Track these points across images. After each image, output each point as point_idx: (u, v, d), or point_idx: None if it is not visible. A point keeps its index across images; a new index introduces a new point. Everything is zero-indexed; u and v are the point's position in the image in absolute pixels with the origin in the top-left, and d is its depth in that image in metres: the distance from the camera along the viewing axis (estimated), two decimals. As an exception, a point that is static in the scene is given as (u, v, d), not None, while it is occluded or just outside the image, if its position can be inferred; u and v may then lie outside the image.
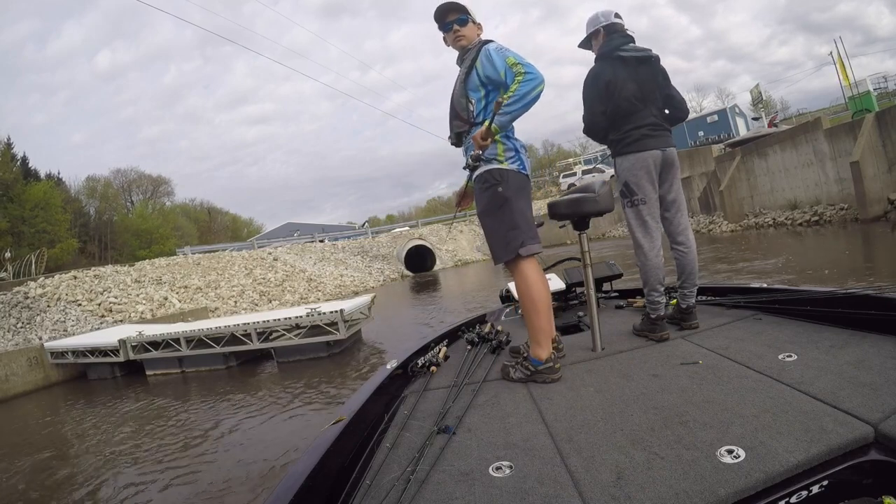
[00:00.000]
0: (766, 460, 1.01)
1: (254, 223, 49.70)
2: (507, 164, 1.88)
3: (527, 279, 1.84)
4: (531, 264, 1.86)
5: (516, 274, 1.87)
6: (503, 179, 1.86)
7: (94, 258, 29.89)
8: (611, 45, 2.17)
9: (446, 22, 1.94)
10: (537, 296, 1.83)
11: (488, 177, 1.87)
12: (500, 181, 1.85)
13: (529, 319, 1.84)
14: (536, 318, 1.81)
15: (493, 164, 1.88)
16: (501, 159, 1.88)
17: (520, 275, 1.85)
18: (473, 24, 1.95)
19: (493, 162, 1.88)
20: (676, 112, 2.27)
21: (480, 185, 1.91)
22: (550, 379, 1.73)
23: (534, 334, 1.81)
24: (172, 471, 3.93)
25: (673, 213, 2.22)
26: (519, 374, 1.79)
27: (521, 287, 1.85)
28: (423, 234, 25.99)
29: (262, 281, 17.09)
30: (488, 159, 1.87)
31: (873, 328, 1.58)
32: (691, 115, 27.86)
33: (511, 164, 1.88)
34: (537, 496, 1.05)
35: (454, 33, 1.94)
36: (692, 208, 17.49)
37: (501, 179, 1.85)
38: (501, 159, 1.88)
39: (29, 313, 11.51)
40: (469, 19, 1.94)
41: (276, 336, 7.49)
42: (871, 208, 10.48)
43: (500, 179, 1.85)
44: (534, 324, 1.82)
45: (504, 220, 1.85)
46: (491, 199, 1.87)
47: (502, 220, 1.85)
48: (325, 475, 1.18)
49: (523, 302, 1.86)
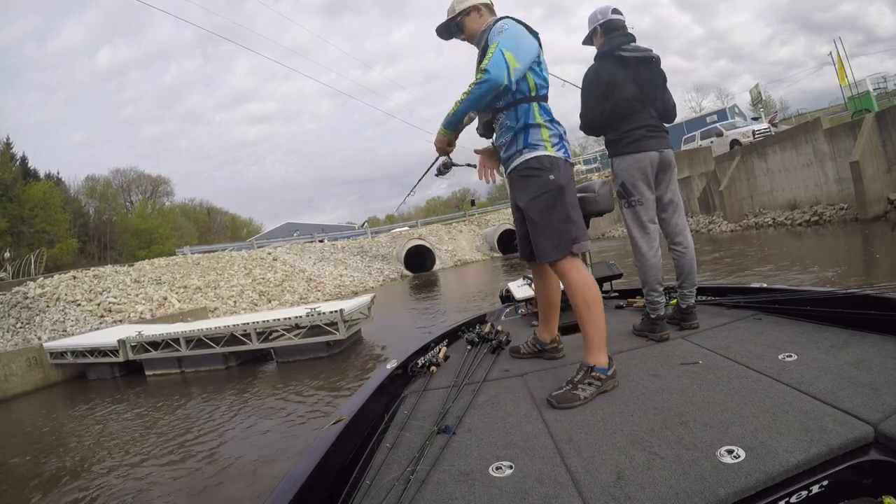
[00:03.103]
0: (766, 460, 1.01)
1: (253, 223, 49.75)
2: (554, 150, 1.72)
3: (582, 280, 1.68)
4: (580, 262, 1.72)
5: (566, 274, 1.69)
6: (555, 167, 1.69)
7: (94, 258, 29.87)
8: (611, 44, 2.16)
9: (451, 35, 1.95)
10: (595, 293, 1.67)
11: (536, 163, 1.70)
12: (552, 168, 1.69)
13: (591, 323, 1.64)
14: (599, 319, 1.64)
15: (540, 150, 1.72)
16: (548, 145, 1.72)
17: (571, 275, 1.68)
18: (474, 15, 1.88)
19: (539, 147, 1.72)
20: (666, 118, 2.26)
21: (524, 172, 1.73)
22: (613, 385, 1.58)
23: (597, 340, 1.62)
24: (172, 471, 3.92)
25: (670, 213, 2.22)
26: (591, 390, 1.53)
27: (577, 288, 1.67)
28: (423, 234, 25.98)
29: (261, 281, 17.08)
30: (533, 145, 1.72)
31: (873, 328, 1.58)
32: (691, 115, 27.88)
33: (558, 151, 1.73)
34: (537, 496, 1.05)
35: (463, 38, 1.94)
36: (692, 208, 17.49)
37: (552, 166, 1.69)
38: (548, 145, 1.72)
39: (28, 313, 11.50)
40: (462, 20, 1.90)
41: (275, 336, 7.48)
42: (870, 208, 10.47)
43: (550, 166, 1.69)
44: (597, 327, 1.63)
45: (557, 211, 1.68)
46: (541, 187, 1.69)
47: (555, 212, 1.68)
48: (325, 475, 1.18)
49: (580, 305, 1.66)
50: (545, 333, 2.02)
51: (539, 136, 1.72)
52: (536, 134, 1.72)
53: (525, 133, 1.73)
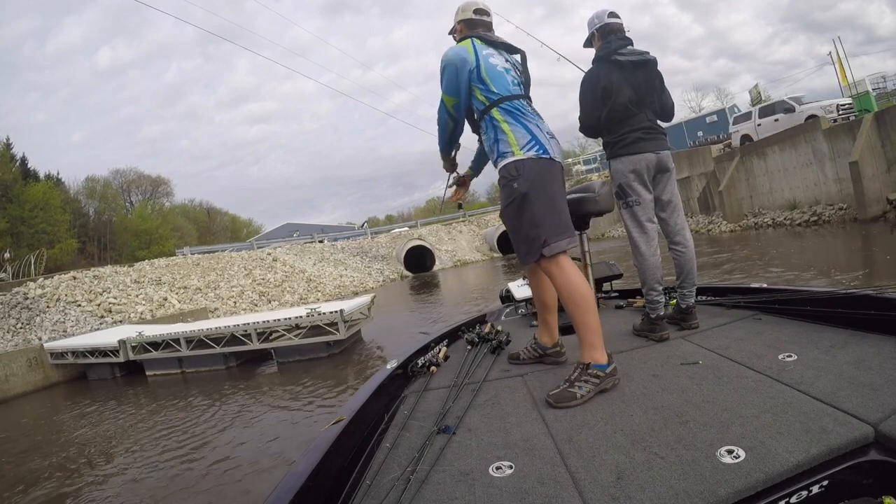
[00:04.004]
0: (766, 460, 1.01)
1: (253, 223, 49.75)
2: (523, 152, 1.71)
3: (563, 278, 1.66)
4: (563, 261, 1.68)
5: (550, 274, 1.69)
6: (519, 173, 1.70)
7: (94, 259, 29.87)
8: (608, 48, 2.18)
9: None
10: (581, 292, 1.64)
11: (504, 172, 1.74)
12: (517, 175, 1.70)
13: (580, 320, 1.61)
14: (588, 316, 1.61)
15: (508, 157, 1.73)
16: (515, 149, 1.72)
17: (552, 275, 1.68)
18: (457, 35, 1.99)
19: (507, 155, 1.73)
20: (663, 117, 2.29)
21: (500, 182, 1.78)
22: (614, 383, 1.56)
23: (590, 337, 1.60)
24: (172, 471, 3.92)
25: (669, 213, 2.23)
26: (588, 387, 1.51)
27: (562, 287, 1.66)
28: (423, 234, 25.98)
29: (261, 281, 17.08)
30: (502, 153, 1.74)
31: (873, 328, 1.58)
32: (690, 115, 27.86)
33: (528, 150, 1.71)
34: (537, 496, 1.05)
35: None
36: (691, 208, 17.49)
37: (517, 174, 1.70)
38: (515, 149, 1.72)
39: (28, 314, 11.50)
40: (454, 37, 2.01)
41: (275, 336, 7.49)
42: (869, 208, 10.48)
43: (515, 174, 1.70)
44: (587, 324, 1.61)
45: (524, 218, 1.70)
46: (508, 196, 1.72)
47: (522, 219, 1.70)
48: (325, 475, 1.18)
49: (569, 304, 1.64)
50: (545, 337, 1.98)
51: (506, 144, 1.75)
52: (504, 142, 1.75)
53: (497, 144, 1.77)
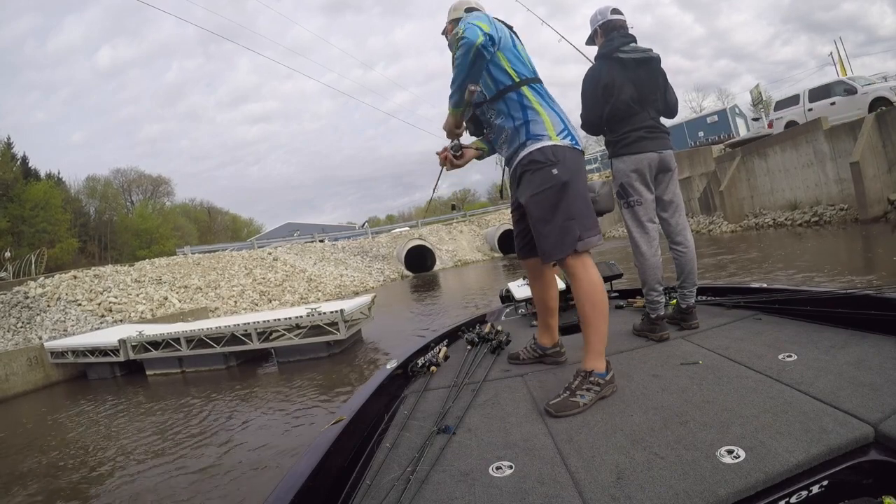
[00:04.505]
0: (766, 460, 1.01)
1: (254, 223, 49.81)
2: (560, 138, 1.61)
3: (588, 279, 1.58)
4: (589, 261, 1.61)
5: (573, 271, 1.59)
6: (559, 159, 1.58)
7: (94, 258, 29.89)
8: (610, 45, 2.16)
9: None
10: (602, 297, 1.58)
11: (539, 156, 1.59)
12: (556, 161, 1.57)
13: (594, 325, 1.56)
14: (602, 322, 1.56)
15: (544, 141, 1.60)
16: (552, 133, 1.60)
17: (577, 275, 1.59)
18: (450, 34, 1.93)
19: (542, 138, 1.60)
20: (667, 113, 2.28)
21: (527, 167, 1.63)
22: (613, 390, 1.53)
23: (598, 344, 1.56)
24: (172, 471, 3.92)
25: (670, 213, 2.23)
26: (590, 396, 1.47)
27: (584, 287, 1.58)
28: (423, 234, 25.98)
29: (262, 281, 17.09)
30: (536, 136, 1.61)
31: (873, 328, 1.58)
32: (691, 116, 27.84)
33: (563, 138, 1.61)
34: (537, 496, 1.05)
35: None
36: (692, 209, 17.48)
37: (557, 159, 1.58)
38: (552, 133, 1.60)
39: (29, 313, 11.52)
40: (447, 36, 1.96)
41: (276, 336, 7.49)
42: (871, 209, 10.46)
43: (555, 159, 1.58)
44: (599, 330, 1.56)
45: (560, 208, 1.57)
46: (543, 182, 1.58)
47: (557, 209, 1.57)
48: (325, 475, 1.18)
49: (586, 307, 1.57)
50: (545, 338, 1.96)
51: (541, 126, 1.62)
52: (538, 123, 1.62)
53: (526, 126, 1.64)
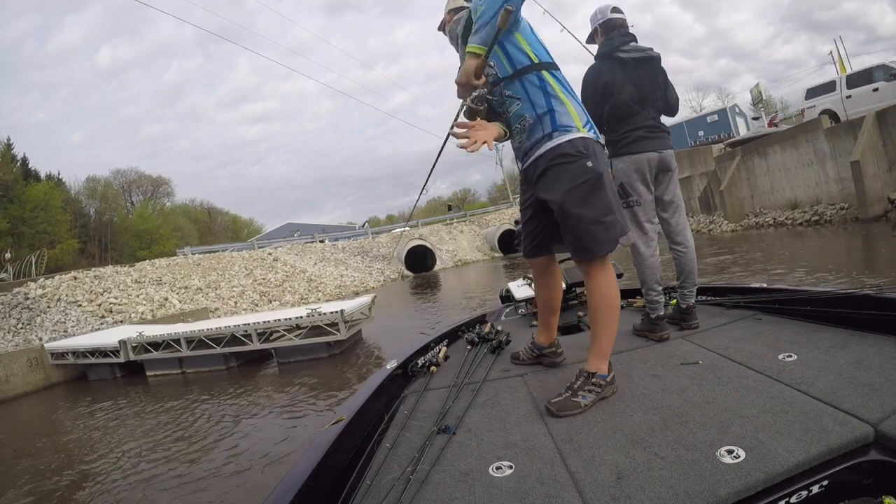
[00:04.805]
0: (766, 460, 1.01)
1: (254, 223, 49.78)
2: (586, 130, 1.54)
3: (607, 281, 1.55)
4: (608, 263, 1.58)
5: (595, 272, 1.54)
6: (591, 152, 1.51)
7: (95, 259, 29.89)
8: (610, 45, 2.16)
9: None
10: (616, 301, 1.56)
11: (570, 148, 1.51)
12: (588, 154, 1.51)
13: (604, 328, 1.53)
14: (612, 326, 1.55)
15: (573, 133, 1.51)
16: (579, 125, 1.53)
17: (596, 277, 1.54)
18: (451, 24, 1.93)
19: (571, 130, 1.52)
20: (668, 111, 2.28)
21: (555, 161, 1.53)
22: (613, 391, 1.52)
23: (606, 348, 1.54)
24: (172, 471, 3.92)
25: (670, 213, 2.23)
26: (592, 397, 1.46)
27: (601, 289, 1.54)
28: (423, 234, 25.98)
29: (262, 281, 17.09)
30: (564, 127, 1.52)
31: (873, 328, 1.58)
32: (691, 115, 27.81)
33: (589, 130, 1.55)
34: (537, 496, 1.05)
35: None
36: (692, 208, 17.47)
37: (588, 152, 1.51)
38: (579, 125, 1.53)
39: (29, 314, 11.52)
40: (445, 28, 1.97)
41: (276, 336, 7.49)
42: (871, 208, 10.46)
43: (587, 152, 1.51)
44: (609, 333, 1.54)
45: (600, 202, 1.51)
46: (578, 176, 1.50)
47: (597, 203, 1.50)
48: (325, 475, 1.18)
49: (600, 307, 1.54)
50: (543, 338, 1.95)
51: (568, 117, 1.52)
52: (564, 114, 1.52)
53: (552, 115, 1.53)
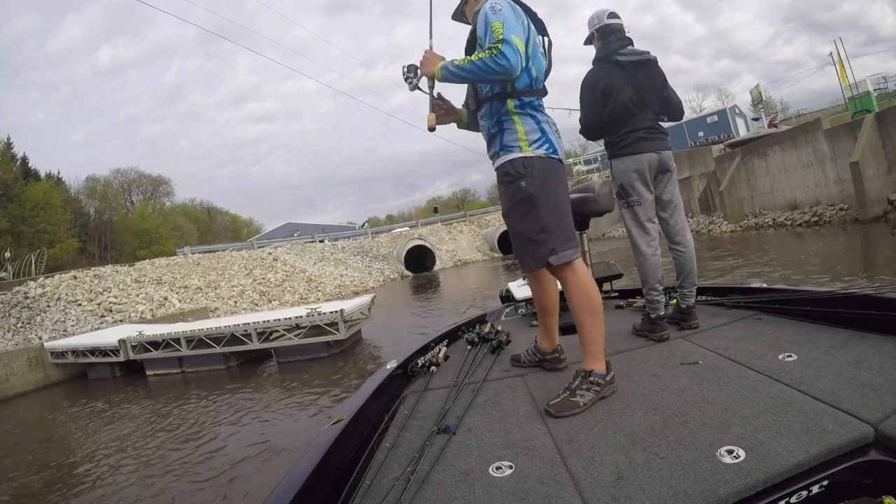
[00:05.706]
0: (766, 460, 1.01)
1: (254, 223, 49.79)
2: (532, 149, 1.60)
3: (577, 283, 1.59)
4: (578, 266, 1.61)
5: (563, 277, 1.61)
6: (527, 171, 1.58)
7: (94, 258, 29.87)
8: (608, 48, 2.18)
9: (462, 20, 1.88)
10: (594, 300, 1.59)
11: (509, 168, 1.60)
12: (524, 174, 1.58)
13: (591, 329, 1.57)
14: (596, 324, 1.57)
15: (514, 153, 1.60)
16: (524, 145, 1.60)
17: (567, 280, 1.60)
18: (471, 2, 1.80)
19: (513, 150, 1.60)
20: (672, 115, 2.29)
21: (501, 178, 1.65)
22: (613, 390, 1.53)
23: (596, 346, 1.56)
24: (172, 471, 3.92)
25: (670, 213, 2.23)
26: (590, 396, 1.47)
27: (574, 292, 1.59)
28: (423, 234, 25.99)
29: (262, 281, 17.09)
30: (508, 147, 1.61)
31: (873, 328, 1.58)
32: (691, 116, 27.85)
33: (537, 148, 1.60)
34: (537, 496, 1.05)
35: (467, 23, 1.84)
36: (692, 209, 17.49)
37: (525, 171, 1.58)
38: (524, 145, 1.60)
39: (29, 313, 11.52)
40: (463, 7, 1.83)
41: (276, 336, 7.49)
42: (870, 209, 10.47)
43: (524, 171, 1.58)
44: (594, 332, 1.57)
45: (530, 221, 1.58)
46: (514, 196, 1.60)
47: (528, 223, 1.59)
48: (325, 475, 1.18)
49: (578, 310, 1.58)
50: (545, 342, 1.93)
51: (514, 136, 1.61)
52: (511, 133, 1.62)
53: (501, 135, 1.64)
